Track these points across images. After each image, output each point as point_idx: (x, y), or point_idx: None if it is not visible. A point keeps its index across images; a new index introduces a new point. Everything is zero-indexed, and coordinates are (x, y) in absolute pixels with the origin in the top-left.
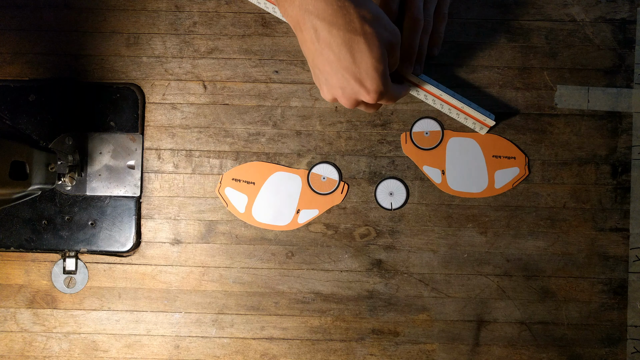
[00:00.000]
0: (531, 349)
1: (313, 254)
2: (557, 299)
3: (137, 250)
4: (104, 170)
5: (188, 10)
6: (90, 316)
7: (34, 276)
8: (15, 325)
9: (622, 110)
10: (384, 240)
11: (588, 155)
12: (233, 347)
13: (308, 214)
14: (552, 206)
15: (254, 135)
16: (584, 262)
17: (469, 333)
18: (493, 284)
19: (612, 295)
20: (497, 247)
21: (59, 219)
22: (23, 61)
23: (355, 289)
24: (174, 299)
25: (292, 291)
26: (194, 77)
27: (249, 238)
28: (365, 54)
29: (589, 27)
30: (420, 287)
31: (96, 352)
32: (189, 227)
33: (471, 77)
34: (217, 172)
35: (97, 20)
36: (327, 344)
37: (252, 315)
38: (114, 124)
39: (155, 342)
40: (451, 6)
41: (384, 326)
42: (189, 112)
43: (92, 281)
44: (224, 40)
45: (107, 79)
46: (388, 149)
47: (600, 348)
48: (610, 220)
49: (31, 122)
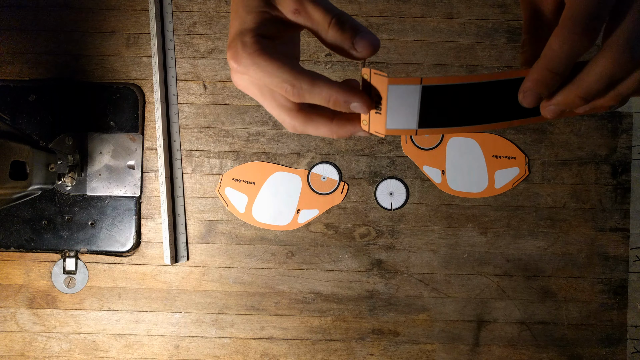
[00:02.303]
0: (531, 349)
1: (313, 254)
2: (557, 299)
3: (137, 250)
4: (104, 170)
5: (188, 10)
6: (90, 316)
7: (34, 276)
8: (15, 325)
9: (622, 110)
10: (384, 240)
11: (588, 155)
12: (233, 347)
13: (308, 214)
14: (552, 206)
15: (254, 135)
16: (584, 262)
17: (469, 333)
18: (493, 284)
19: (612, 295)
20: (497, 247)
21: (59, 219)
22: (23, 61)
23: (355, 289)
24: (174, 299)
25: (292, 291)
26: (194, 77)
27: (249, 238)
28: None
29: None
30: (420, 287)
31: (96, 352)
32: (189, 227)
33: None
34: (217, 172)
35: (97, 20)
36: (327, 344)
37: (252, 315)
38: (114, 124)
39: (155, 342)
40: (451, 7)
41: (384, 326)
42: (189, 112)
43: (92, 281)
44: (224, 40)
45: (107, 78)
46: (388, 149)
47: (600, 348)
48: (611, 220)
49: (31, 122)
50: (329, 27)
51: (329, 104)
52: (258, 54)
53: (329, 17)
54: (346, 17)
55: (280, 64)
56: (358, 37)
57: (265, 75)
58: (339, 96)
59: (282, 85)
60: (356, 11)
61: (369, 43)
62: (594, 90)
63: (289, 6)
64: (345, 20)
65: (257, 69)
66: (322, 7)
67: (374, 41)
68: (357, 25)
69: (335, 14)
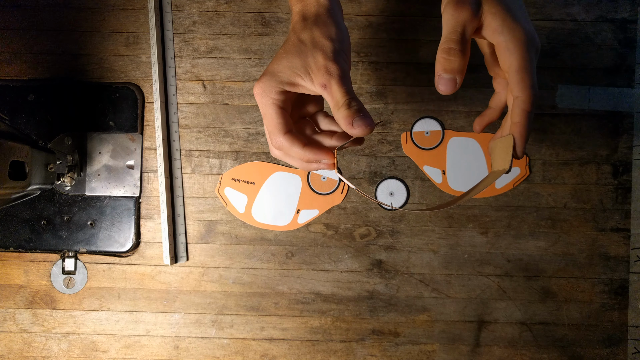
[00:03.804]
0: (532, 350)
1: (313, 254)
2: (557, 300)
3: (136, 251)
4: (103, 170)
5: (187, 9)
6: (89, 316)
7: (33, 276)
8: (14, 326)
9: (623, 109)
10: (384, 240)
11: (589, 155)
12: (233, 347)
13: (308, 214)
14: (553, 206)
15: (253, 135)
16: (585, 263)
17: (469, 333)
18: (494, 284)
19: (613, 296)
20: (497, 247)
21: (58, 219)
22: (22, 61)
23: (355, 289)
24: (173, 300)
25: (292, 291)
26: (193, 77)
27: (249, 238)
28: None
29: (589, 26)
30: (421, 287)
31: (95, 352)
32: (189, 227)
33: (471, 77)
34: (217, 172)
35: (97, 19)
36: (327, 345)
37: (252, 316)
38: (113, 124)
39: (155, 343)
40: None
41: (384, 327)
42: (189, 112)
43: (92, 281)
44: (224, 39)
45: (107, 78)
46: (388, 149)
47: (601, 348)
48: (611, 220)
49: (30, 122)
50: (341, 105)
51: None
52: (269, 104)
53: (345, 99)
54: (355, 102)
55: (278, 124)
56: (357, 118)
57: (264, 118)
58: (310, 156)
59: (268, 135)
60: (356, 11)
61: (364, 124)
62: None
63: (319, 80)
64: (354, 104)
65: (263, 109)
66: (344, 89)
67: (369, 124)
68: (360, 109)
69: (350, 98)
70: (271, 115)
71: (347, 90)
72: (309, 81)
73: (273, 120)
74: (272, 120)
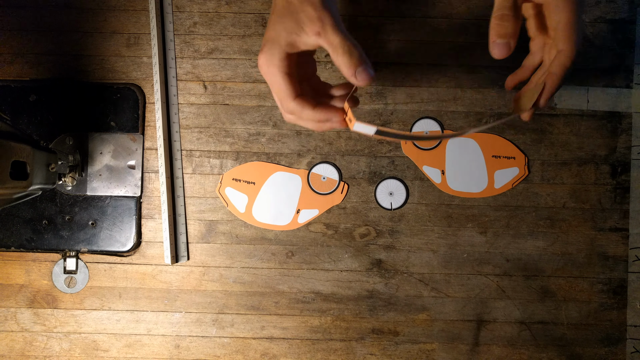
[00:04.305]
0: (531, 349)
1: (313, 253)
2: (556, 299)
3: (137, 250)
4: (104, 170)
5: (188, 10)
6: (90, 316)
7: (34, 276)
8: (15, 325)
9: (622, 110)
10: (384, 240)
11: (588, 155)
12: (233, 346)
13: (308, 213)
14: (552, 206)
15: (254, 135)
16: (584, 262)
17: (468, 333)
18: (493, 283)
19: (612, 295)
20: (496, 247)
21: (59, 219)
22: (23, 61)
23: (355, 288)
24: (174, 299)
25: (292, 291)
26: (194, 78)
27: (249, 238)
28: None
29: (588, 27)
30: (420, 286)
31: (97, 351)
32: (190, 226)
33: (471, 77)
34: (218, 172)
35: (98, 20)
36: (327, 344)
37: (252, 315)
38: (115, 124)
39: (156, 342)
40: (451, 7)
41: (383, 326)
42: (189, 112)
43: (93, 281)
44: (224, 40)
45: (108, 79)
46: (388, 149)
47: (600, 348)
48: (610, 220)
49: (32, 122)
50: (342, 52)
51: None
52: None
53: (345, 45)
54: (356, 49)
55: (287, 90)
56: (360, 69)
57: (272, 87)
58: (321, 116)
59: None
60: (356, 11)
61: (367, 76)
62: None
63: (312, 29)
64: (354, 51)
65: (270, 78)
66: (341, 35)
67: (371, 75)
68: (362, 58)
69: (350, 44)
70: (279, 83)
71: (344, 35)
72: (305, 35)
73: (282, 88)
74: (281, 87)
